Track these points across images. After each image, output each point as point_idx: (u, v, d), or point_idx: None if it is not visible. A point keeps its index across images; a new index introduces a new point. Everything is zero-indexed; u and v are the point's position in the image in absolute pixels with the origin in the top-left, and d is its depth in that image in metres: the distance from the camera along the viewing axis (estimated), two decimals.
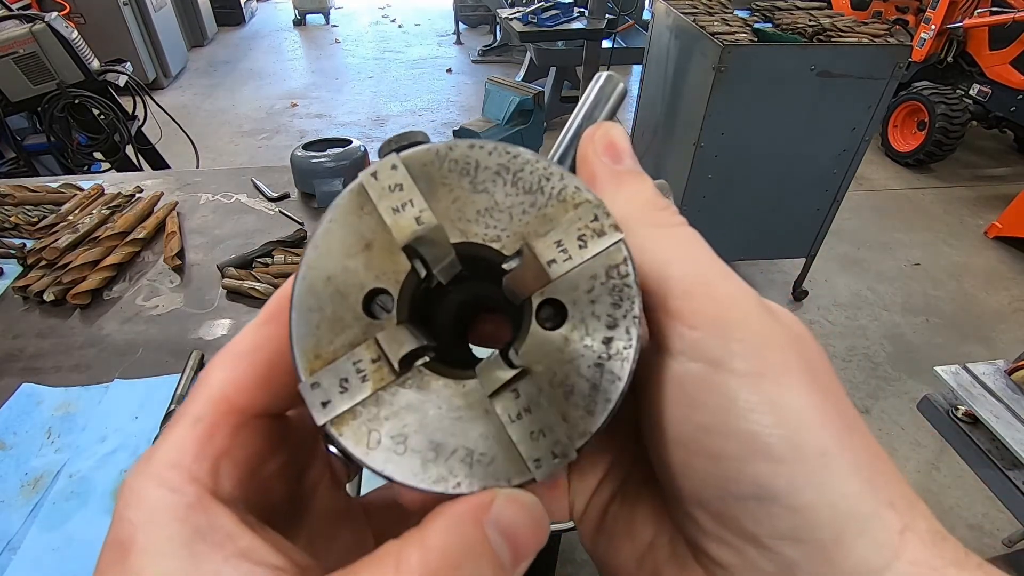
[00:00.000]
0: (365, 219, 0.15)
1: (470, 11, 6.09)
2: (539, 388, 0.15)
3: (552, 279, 0.15)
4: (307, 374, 0.15)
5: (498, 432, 0.15)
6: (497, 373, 0.15)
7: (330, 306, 0.15)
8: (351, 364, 0.15)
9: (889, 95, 1.93)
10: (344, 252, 0.15)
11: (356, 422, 0.15)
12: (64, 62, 2.11)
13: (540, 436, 0.15)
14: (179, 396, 0.84)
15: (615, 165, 0.17)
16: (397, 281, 0.15)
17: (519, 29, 2.31)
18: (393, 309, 0.15)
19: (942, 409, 1.04)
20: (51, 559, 0.67)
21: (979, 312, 2.55)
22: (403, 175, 0.15)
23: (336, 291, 0.15)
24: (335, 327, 0.15)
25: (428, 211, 0.15)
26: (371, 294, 0.15)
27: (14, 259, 1.13)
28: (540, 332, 0.15)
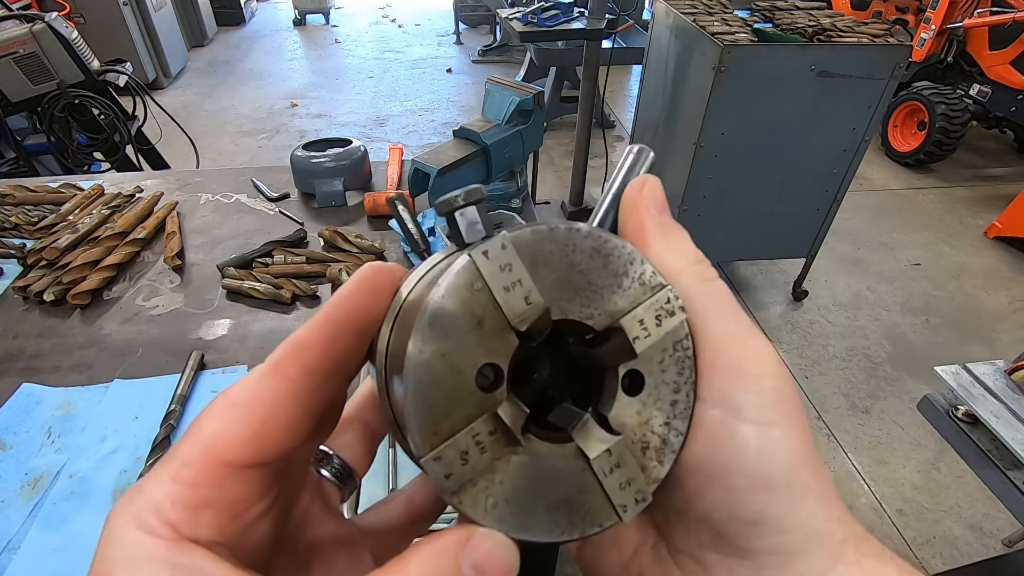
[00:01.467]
0: (476, 296, 0.16)
1: (470, 11, 6.09)
2: (627, 446, 0.17)
3: (637, 355, 0.17)
4: (427, 449, 0.16)
5: (593, 486, 0.17)
6: (599, 436, 0.17)
7: (446, 382, 0.16)
8: (471, 438, 0.16)
9: (889, 95, 1.93)
10: (456, 328, 0.16)
11: (475, 489, 0.16)
12: (64, 62, 2.11)
13: (627, 486, 0.17)
14: (179, 396, 0.84)
15: (661, 217, 0.19)
16: (507, 356, 0.17)
17: (519, 29, 2.31)
18: (504, 383, 0.17)
19: (942, 409, 1.04)
20: (51, 559, 0.67)
21: (979, 312, 2.55)
22: (512, 255, 0.17)
23: (452, 367, 0.16)
24: (452, 402, 0.16)
25: (535, 291, 0.17)
26: (484, 368, 0.16)
27: (14, 259, 1.13)
28: (624, 398, 0.18)
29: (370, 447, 0.23)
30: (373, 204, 1.28)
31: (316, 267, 1.11)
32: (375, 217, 1.29)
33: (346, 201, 1.34)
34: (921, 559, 1.64)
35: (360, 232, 1.20)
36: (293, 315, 1.03)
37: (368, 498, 0.71)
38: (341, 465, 0.22)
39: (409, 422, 0.16)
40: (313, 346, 0.19)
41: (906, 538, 1.69)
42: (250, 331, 0.99)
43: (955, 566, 1.57)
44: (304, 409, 0.18)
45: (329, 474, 0.21)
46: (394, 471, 0.75)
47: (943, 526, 1.72)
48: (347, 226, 1.26)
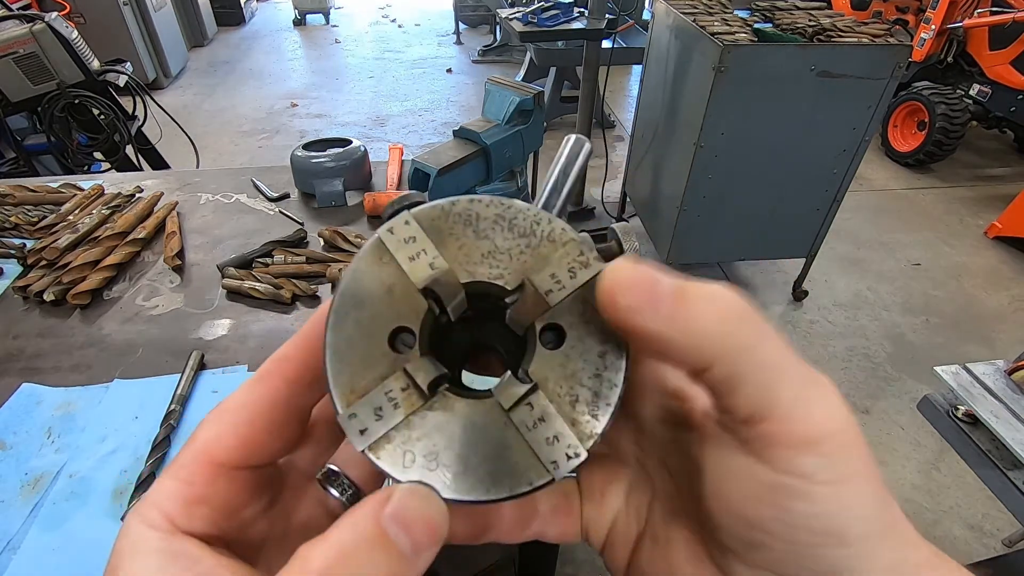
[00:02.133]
0: (385, 268, 0.18)
1: (470, 11, 6.09)
2: (549, 399, 0.17)
3: (551, 306, 0.17)
4: (344, 406, 0.17)
5: (517, 441, 0.17)
6: (513, 389, 0.17)
7: (360, 345, 0.17)
8: (383, 394, 0.17)
9: (889, 95, 1.93)
10: (369, 297, 0.17)
11: (391, 446, 0.17)
12: (64, 62, 2.11)
13: (555, 441, 0.17)
14: (179, 396, 0.84)
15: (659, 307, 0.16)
16: (418, 319, 0.18)
17: (519, 29, 2.31)
18: (415, 344, 0.17)
19: (942, 409, 1.04)
20: (51, 559, 0.67)
21: (979, 312, 2.55)
22: (415, 228, 0.18)
23: (365, 332, 0.17)
24: (366, 363, 0.17)
25: (439, 258, 0.18)
26: (395, 332, 0.17)
27: (14, 259, 1.13)
28: (544, 352, 0.18)
29: None
30: (373, 204, 1.28)
31: (316, 267, 1.11)
32: (375, 217, 1.29)
33: (346, 201, 1.34)
34: None
35: (360, 232, 1.20)
36: (293, 315, 1.03)
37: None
38: (349, 483, 0.22)
39: (330, 385, 0.17)
40: (293, 358, 0.20)
41: None
42: (250, 331, 0.99)
43: None
44: (287, 415, 0.20)
45: (337, 492, 0.22)
46: None
47: (943, 526, 1.72)
48: (347, 226, 1.26)
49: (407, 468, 0.16)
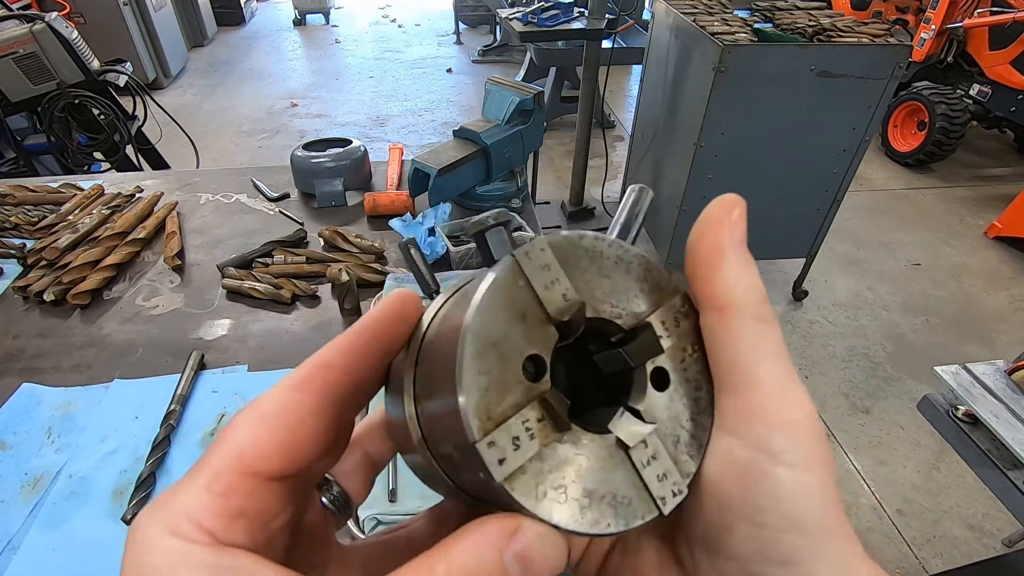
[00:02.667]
0: (520, 292, 0.17)
1: (470, 11, 6.09)
2: (659, 439, 0.18)
3: (663, 351, 0.19)
4: (482, 434, 0.16)
5: (632, 478, 0.18)
6: (635, 428, 0.18)
7: (496, 371, 0.16)
8: (521, 423, 0.16)
9: (889, 95, 1.93)
10: (506, 321, 0.17)
11: (524, 477, 0.16)
12: (64, 62, 2.11)
13: (664, 478, 0.18)
14: (179, 396, 0.84)
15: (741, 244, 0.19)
16: (549, 348, 0.17)
17: (519, 29, 2.31)
18: (547, 374, 0.17)
19: (942, 409, 1.04)
20: (51, 559, 0.67)
21: (979, 312, 2.55)
22: (551, 257, 0.18)
23: (501, 356, 0.17)
24: (501, 390, 0.16)
25: (572, 289, 0.18)
26: (528, 359, 0.17)
27: (14, 259, 1.13)
28: (654, 393, 0.19)
29: (369, 477, 0.24)
30: (373, 204, 1.28)
31: (316, 267, 1.11)
32: (375, 217, 1.29)
33: (346, 201, 1.34)
34: (921, 559, 1.64)
35: (360, 232, 1.20)
36: (293, 315, 1.03)
37: (368, 499, 0.71)
38: (340, 493, 0.22)
39: (465, 409, 0.16)
40: (338, 366, 0.19)
41: (906, 538, 1.69)
42: (250, 331, 0.99)
43: (955, 566, 1.57)
44: (326, 425, 0.19)
45: (327, 501, 0.22)
46: (394, 473, 0.75)
47: (943, 526, 1.72)
48: (347, 226, 1.26)
49: (538, 501, 0.16)
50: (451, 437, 0.17)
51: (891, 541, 1.68)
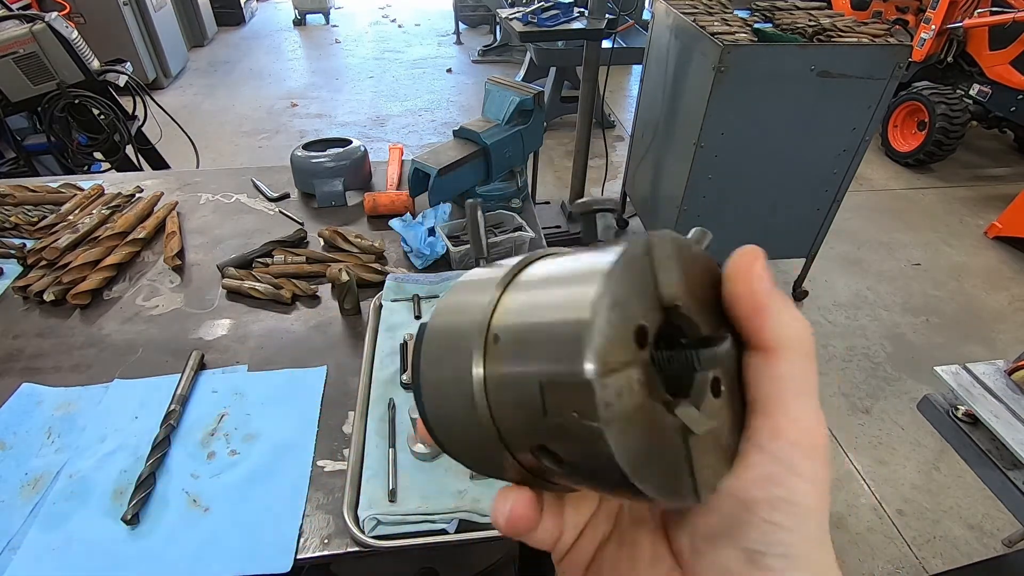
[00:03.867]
0: (646, 271, 0.19)
1: (470, 11, 6.09)
2: (712, 436, 0.20)
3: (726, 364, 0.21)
4: (597, 375, 0.17)
5: (686, 462, 0.20)
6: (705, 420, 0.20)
7: (617, 326, 0.18)
8: (628, 379, 0.18)
9: (889, 95, 1.92)
10: (628, 290, 0.18)
11: (618, 427, 0.17)
12: (64, 62, 2.11)
13: (705, 471, 0.20)
14: (179, 396, 0.84)
15: (768, 288, 0.21)
16: (656, 324, 0.19)
17: (519, 29, 2.31)
18: (649, 346, 0.19)
19: (942, 409, 1.03)
20: (51, 559, 0.67)
21: (979, 312, 2.55)
22: (671, 250, 0.20)
23: (621, 316, 0.18)
24: (618, 344, 0.18)
25: (681, 285, 0.20)
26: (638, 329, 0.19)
27: (14, 259, 1.14)
28: (711, 398, 0.20)
29: None
30: (373, 204, 1.28)
31: (316, 267, 1.11)
32: (375, 217, 1.29)
33: (346, 201, 1.34)
34: (921, 559, 1.64)
35: (360, 232, 1.20)
36: (293, 315, 1.03)
37: (368, 499, 0.71)
38: None
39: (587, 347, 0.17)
40: None
41: (906, 538, 1.69)
42: (250, 331, 0.99)
43: (955, 566, 1.57)
44: None
45: None
46: (394, 471, 0.75)
47: (943, 526, 1.72)
48: (347, 226, 1.26)
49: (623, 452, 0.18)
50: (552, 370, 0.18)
51: (891, 541, 1.68)
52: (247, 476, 0.76)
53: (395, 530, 0.69)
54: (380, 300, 1.03)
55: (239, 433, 0.82)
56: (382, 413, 0.82)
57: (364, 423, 0.81)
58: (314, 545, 0.69)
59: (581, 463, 0.19)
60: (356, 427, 0.80)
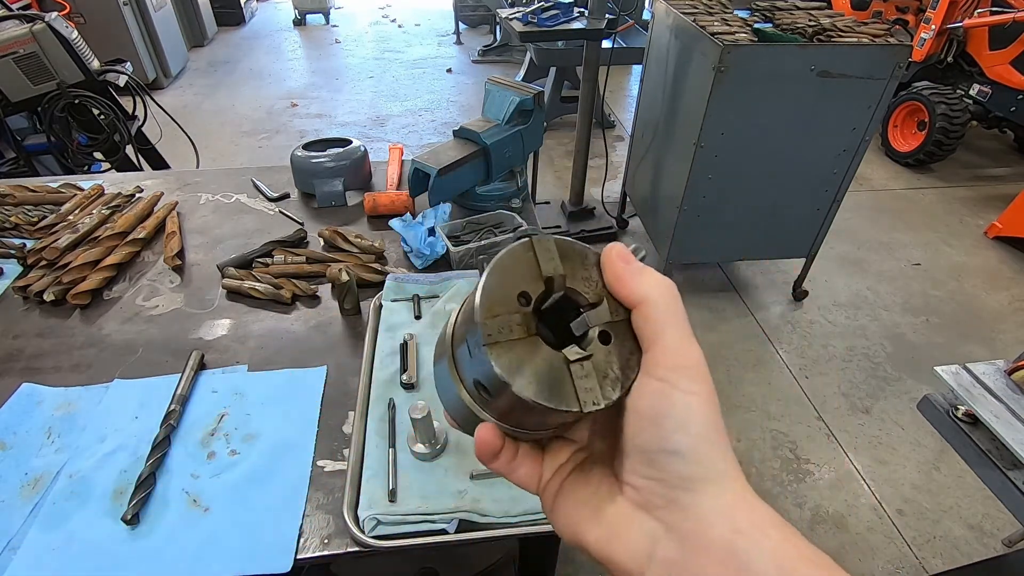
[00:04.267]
0: (528, 257, 0.28)
1: (470, 11, 6.09)
2: (595, 369, 0.27)
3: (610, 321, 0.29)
4: (483, 318, 0.26)
5: (567, 382, 0.27)
6: (576, 351, 0.27)
7: (500, 293, 0.27)
8: (507, 320, 0.27)
9: (889, 95, 1.92)
10: (514, 267, 0.28)
11: (501, 349, 0.26)
12: (64, 62, 2.11)
13: (589, 391, 0.27)
14: (179, 396, 0.84)
15: (630, 265, 0.29)
16: (536, 291, 0.28)
17: (519, 29, 2.31)
18: (531, 305, 0.28)
19: (942, 409, 1.03)
20: (51, 559, 0.67)
21: (979, 312, 2.55)
22: (552, 246, 0.29)
23: (505, 285, 0.27)
24: (501, 302, 0.27)
25: (560, 266, 0.29)
26: (521, 292, 0.28)
27: (14, 259, 1.14)
28: (598, 344, 0.28)
29: None
30: (373, 204, 1.28)
31: (316, 267, 1.11)
32: (375, 217, 1.30)
33: (346, 201, 1.34)
34: (921, 559, 1.64)
35: (360, 232, 1.20)
36: (293, 315, 1.03)
37: (368, 499, 0.71)
38: None
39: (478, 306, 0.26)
40: None
41: (906, 538, 1.69)
42: (250, 331, 0.99)
43: (955, 566, 1.57)
44: None
45: None
46: (394, 471, 0.75)
47: (943, 526, 1.72)
48: (347, 226, 1.26)
49: (506, 367, 0.26)
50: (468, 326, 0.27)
51: (891, 541, 1.68)
52: (247, 476, 0.76)
53: (395, 530, 0.69)
54: (380, 300, 1.03)
55: (239, 433, 0.82)
56: (382, 413, 0.82)
57: (364, 423, 0.81)
58: (314, 545, 0.69)
59: (489, 383, 0.27)
60: (356, 427, 0.80)
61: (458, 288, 1.03)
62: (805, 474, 1.86)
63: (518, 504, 0.71)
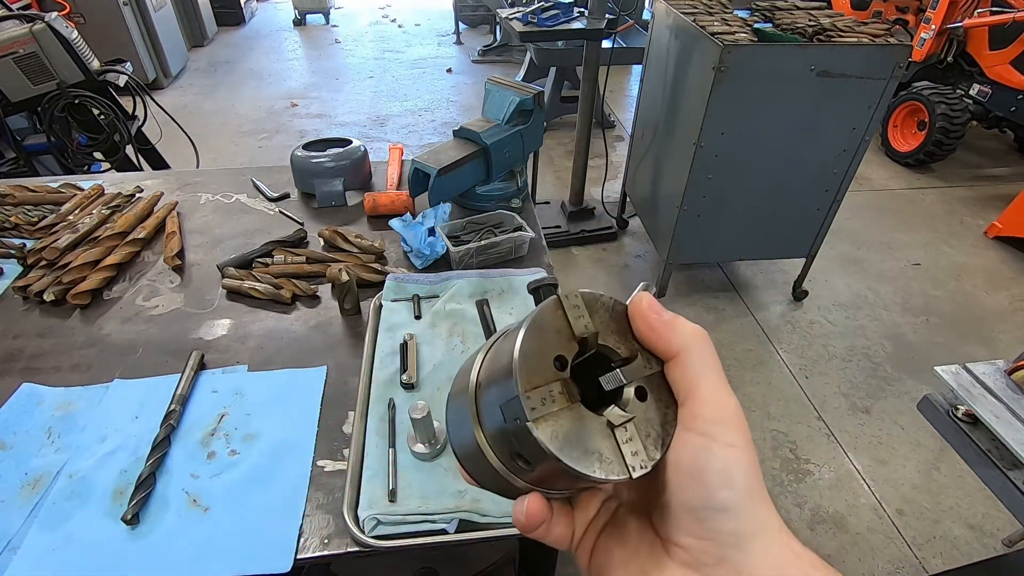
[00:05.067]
0: (558, 317, 0.28)
1: (470, 11, 6.09)
2: (637, 429, 0.27)
3: (646, 375, 0.28)
4: (524, 391, 0.25)
5: (614, 448, 0.27)
6: (619, 414, 0.27)
7: (536, 360, 0.26)
8: (548, 391, 0.26)
9: (889, 95, 1.92)
10: (547, 332, 0.27)
11: (546, 424, 0.25)
12: (64, 62, 2.11)
13: (635, 455, 0.27)
14: (179, 396, 0.84)
15: (662, 316, 0.29)
16: (571, 354, 0.27)
17: (519, 29, 2.31)
18: (567, 369, 0.27)
19: (942, 409, 1.03)
20: (51, 559, 0.67)
21: (979, 312, 2.55)
22: (579, 302, 0.28)
23: (541, 351, 0.27)
24: (539, 371, 0.26)
25: (591, 323, 0.28)
26: (556, 357, 0.27)
27: (14, 259, 1.13)
28: (636, 401, 0.28)
29: None
30: (373, 204, 1.28)
31: (316, 267, 1.11)
32: (375, 217, 1.30)
33: (346, 201, 1.34)
34: (921, 559, 1.64)
35: (360, 232, 1.20)
36: (293, 315, 1.03)
37: (368, 499, 0.71)
38: None
39: (515, 377, 0.25)
40: None
41: (906, 538, 1.69)
42: (250, 331, 0.99)
43: (955, 566, 1.57)
44: None
45: None
46: (394, 471, 0.75)
47: (943, 526, 1.72)
48: (347, 226, 1.26)
49: (550, 441, 0.25)
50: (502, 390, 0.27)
51: (891, 541, 1.68)
52: (247, 476, 0.76)
53: (395, 530, 0.69)
54: (380, 300, 1.03)
55: (239, 433, 0.82)
56: (382, 413, 0.82)
57: (364, 423, 0.81)
58: (314, 545, 0.69)
59: (532, 456, 0.26)
60: (356, 427, 0.80)
61: (458, 288, 1.03)
62: (805, 474, 1.86)
63: None
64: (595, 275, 2.73)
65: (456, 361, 0.90)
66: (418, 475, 0.75)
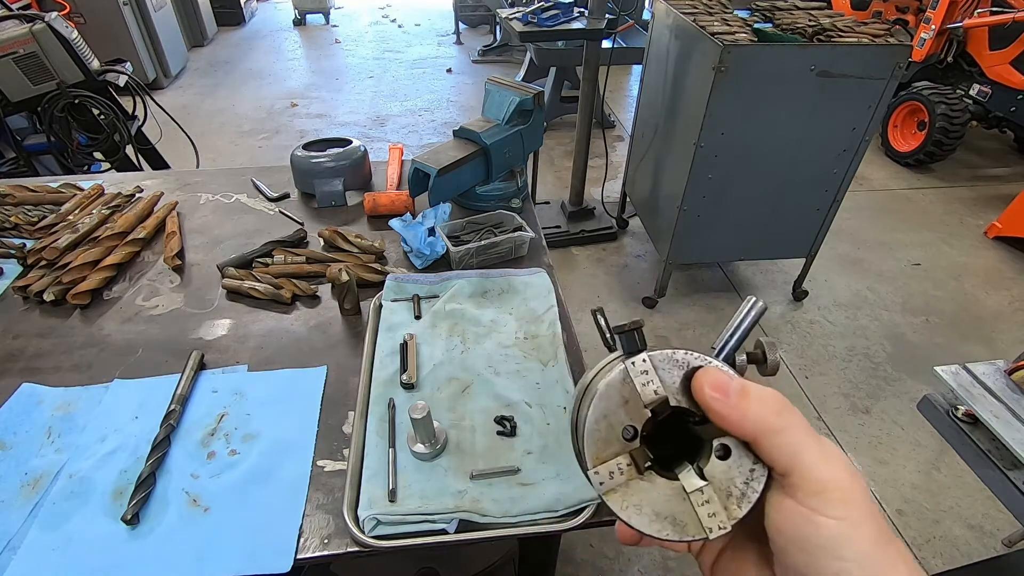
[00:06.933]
0: (626, 386, 0.28)
1: (470, 11, 6.09)
2: (715, 491, 0.28)
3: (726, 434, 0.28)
4: (593, 466, 0.28)
5: (690, 511, 0.27)
6: (695, 481, 0.28)
7: (605, 433, 0.28)
8: (616, 466, 0.28)
9: (889, 95, 1.92)
10: (615, 404, 0.28)
11: (616, 495, 0.28)
12: (64, 62, 2.11)
13: (713, 516, 0.27)
14: (179, 396, 0.84)
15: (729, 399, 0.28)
16: (641, 423, 0.28)
17: (519, 29, 2.30)
18: (638, 438, 0.28)
19: (942, 409, 1.03)
20: (51, 559, 0.67)
21: (979, 312, 2.55)
22: (648, 365, 0.28)
23: (609, 425, 0.28)
24: (607, 444, 0.28)
25: (662, 388, 0.28)
26: (626, 427, 0.28)
27: (14, 259, 1.13)
28: (716, 461, 0.28)
29: None
30: (373, 204, 1.28)
31: (316, 267, 1.11)
32: (375, 217, 1.30)
33: (346, 201, 1.34)
34: (921, 559, 1.64)
35: (360, 232, 1.20)
36: (293, 315, 1.03)
37: (368, 499, 0.71)
38: None
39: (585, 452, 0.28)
40: None
41: (906, 538, 1.69)
42: (250, 331, 0.99)
43: (955, 566, 1.57)
44: None
45: None
46: (394, 471, 0.75)
47: (943, 526, 1.72)
48: (347, 226, 1.26)
49: (623, 511, 0.27)
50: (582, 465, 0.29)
51: None
52: (247, 476, 0.76)
53: (395, 530, 0.69)
54: (380, 300, 1.03)
55: (239, 433, 0.82)
56: (382, 413, 0.82)
57: (364, 423, 0.81)
58: (314, 545, 0.69)
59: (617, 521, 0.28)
60: (356, 427, 0.80)
61: (458, 288, 1.03)
62: None
63: (518, 504, 0.71)
64: (595, 275, 2.73)
65: (456, 361, 0.90)
66: (418, 475, 0.75)
